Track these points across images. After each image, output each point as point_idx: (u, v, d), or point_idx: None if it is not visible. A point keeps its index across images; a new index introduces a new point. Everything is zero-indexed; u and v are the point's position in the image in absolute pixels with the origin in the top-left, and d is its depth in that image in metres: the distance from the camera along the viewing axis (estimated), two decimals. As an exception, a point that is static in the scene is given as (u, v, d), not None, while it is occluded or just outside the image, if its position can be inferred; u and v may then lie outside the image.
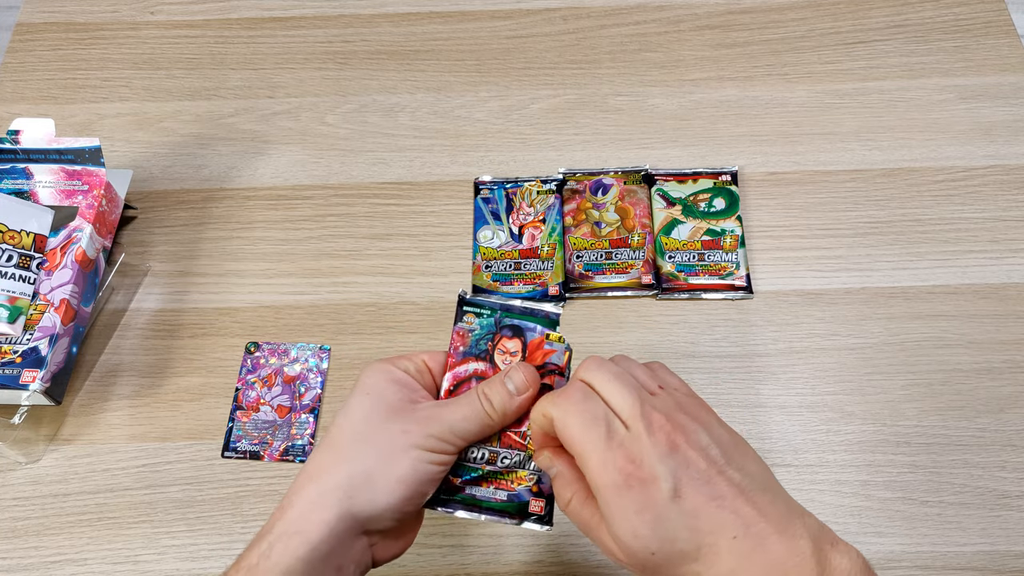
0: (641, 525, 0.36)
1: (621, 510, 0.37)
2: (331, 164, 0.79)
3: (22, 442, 0.65)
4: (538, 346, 0.43)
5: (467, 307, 0.45)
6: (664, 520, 0.36)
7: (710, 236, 0.73)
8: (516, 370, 0.43)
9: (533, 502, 0.44)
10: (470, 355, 0.44)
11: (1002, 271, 0.72)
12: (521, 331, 0.43)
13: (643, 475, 0.37)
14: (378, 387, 0.43)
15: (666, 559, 0.36)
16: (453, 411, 0.42)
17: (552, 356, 0.43)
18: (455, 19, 0.88)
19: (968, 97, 0.81)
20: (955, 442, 0.64)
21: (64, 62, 0.86)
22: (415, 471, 0.41)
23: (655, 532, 0.36)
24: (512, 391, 0.42)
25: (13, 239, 0.65)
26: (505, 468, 0.44)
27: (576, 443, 0.38)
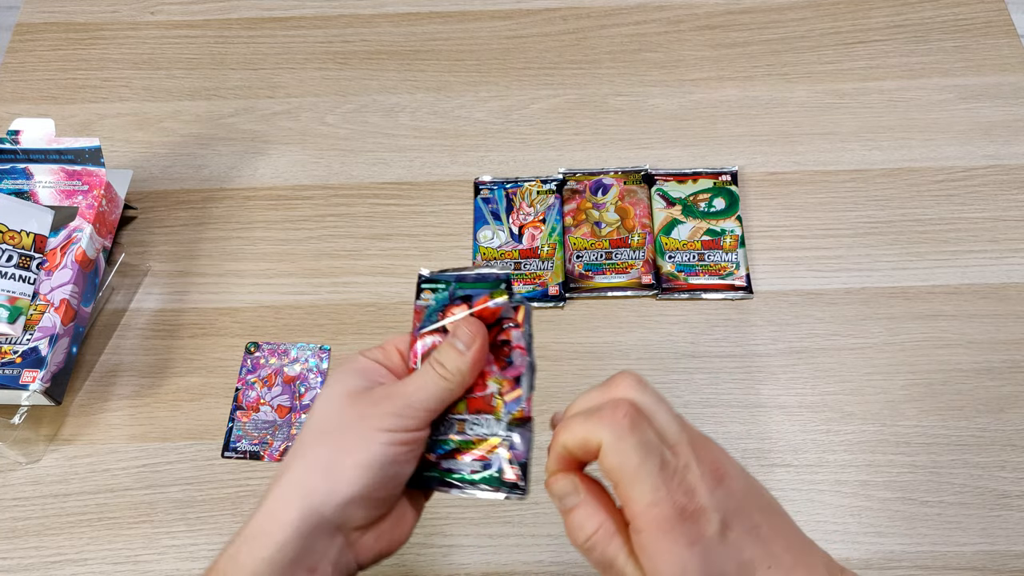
0: (691, 560, 0.34)
1: (671, 544, 0.34)
2: (331, 164, 0.79)
3: (22, 442, 0.65)
4: (483, 304, 0.42)
5: (424, 284, 0.45)
6: (713, 554, 0.34)
7: (710, 236, 0.73)
8: (459, 326, 0.42)
9: (508, 469, 0.42)
10: (425, 329, 0.44)
11: (1002, 271, 0.72)
12: (470, 298, 0.43)
13: (695, 507, 0.34)
14: (340, 378, 0.42)
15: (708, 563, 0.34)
16: (407, 383, 0.41)
17: (503, 311, 0.42)
18: (455, 19, 0.88)
19: (968, 97, 0.81)
20: (955, 442, 0.64)
21: (64, 62, 0.86)
22: (374, 454, 0.39)
23: (705, 567, 0.34)
24: (461, 348, 0.41)
25: (13, 239, 0.65)
26: (476, 436, 0.43)
27: (628, 472, 0.34)
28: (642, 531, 0.34)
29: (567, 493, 0.38)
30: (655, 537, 0.34)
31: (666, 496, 0.34)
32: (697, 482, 0.35)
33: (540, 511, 0.63)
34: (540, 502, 0.63)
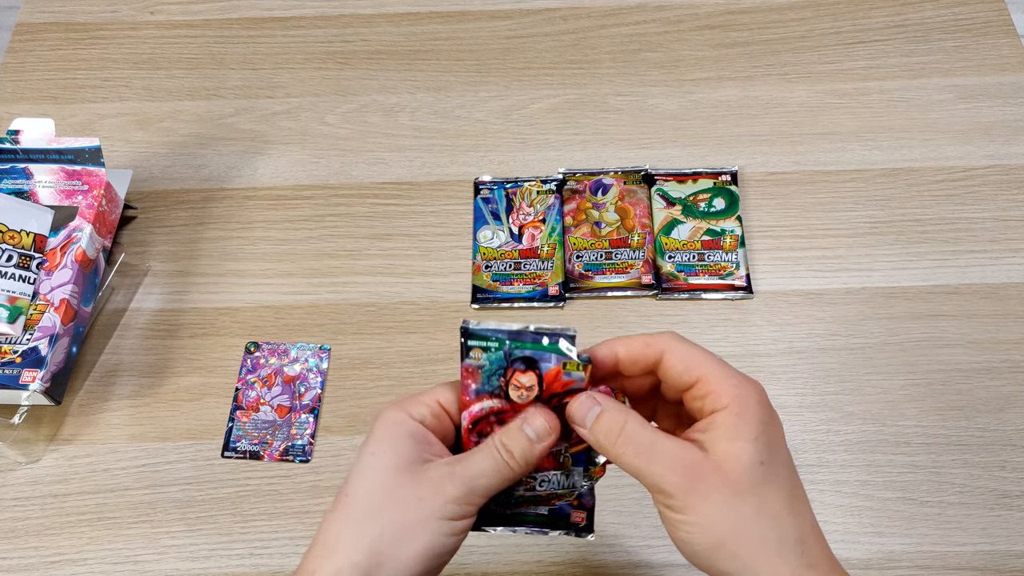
0: (763, 433, 0.37)
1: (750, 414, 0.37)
2: (331, 164, 0.79)
3: (22, 442, 0.65)
4: (555, 376, 0.39)
5: (472, 341, 0.40)
6: (781, 445, 0.38)
7: (710, 236, 0.73)
8: (535, 415, 0.39)
9: (574, 514, 0.42)
10: (483, 393, 0.40)
11: (1002, 271, 0.72)
12: (535, 362, 0.39)
13: (770, 405, 0.38)
14: (390, 442, 0.39)
15: (773, 473, 0.37)
16: (470, 467, 0.39)
17: (572, 385, 0.39)
18: (455, 19, 0.88)
19: (968, 97, 0.81)
20: (955, 442, 0.64)
21: (64, 62, 0.86)
22: (432, 547, 0.38)
23: (771, 447, 0.37)
24: (533, 439, 0.39)
25: (13, 239, 0.65)
26: (545, 492, 0.42)
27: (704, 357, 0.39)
28: (728, 406, 0.37)
29: (589, 407, 0.39)
30: (745, 409, 0.37)
31: (747, 379, 0.38)
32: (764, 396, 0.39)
33: (540, 511, 0.63)
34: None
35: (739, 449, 0.36)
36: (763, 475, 0.37)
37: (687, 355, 0.39)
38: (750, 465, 0.36)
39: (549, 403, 0.40)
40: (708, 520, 0.36)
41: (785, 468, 0.38)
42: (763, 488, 0.37)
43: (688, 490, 0.36)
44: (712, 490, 0.36)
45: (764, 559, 0.36)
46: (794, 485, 0.38)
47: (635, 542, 0.61)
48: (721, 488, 0.36)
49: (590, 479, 0.42)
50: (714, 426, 0.37)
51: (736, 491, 0.36)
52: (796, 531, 0.37)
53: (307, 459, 0.65)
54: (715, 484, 0.36)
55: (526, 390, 0.40)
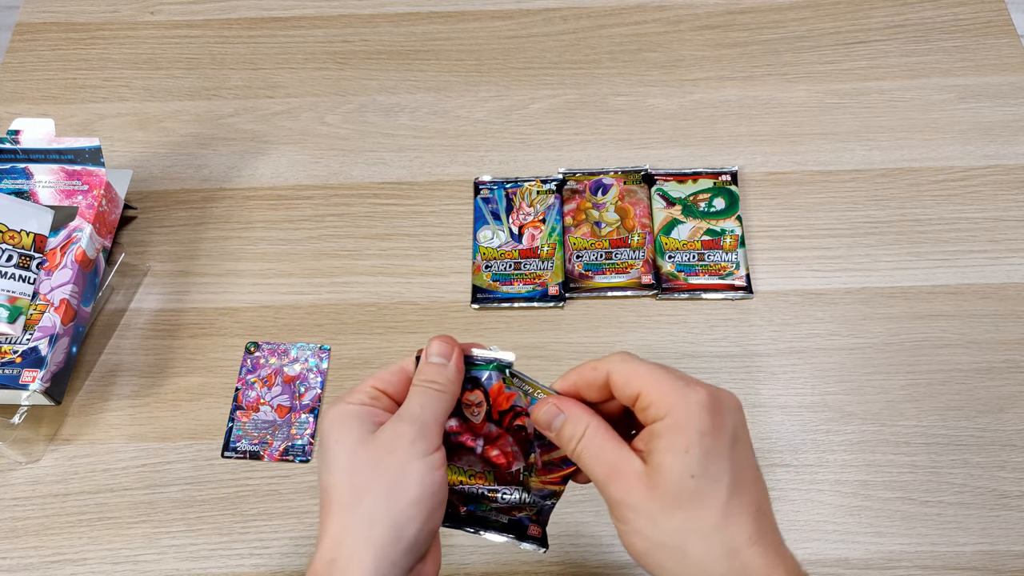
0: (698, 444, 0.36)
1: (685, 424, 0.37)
2: (331, 164, 0.79)
3: (22, 442, 0.65)
4: (499, 391, 0.43)
5: None
6: (721, 455, 0.37)
7: (710, 236, 0.73)
8: (432, 344, 0.43)
9: (531, 527, 0.45)
10: None
11: (1002, 271, 0.72)
12: (478, 380, 0.43)
13: (719, 411, 0.38)
14: (343, 427, 0.41)
15: (706, 487, 0.37)
16: (411, 408, 0.41)
17: (515, 398, 0.43)
18: (455, 19, 0.88)
19: (968, 97, 0.81)
20: (955, 442, 0.64)
21: (64, 62, 0.86)
22: (423, 486, 0.40)
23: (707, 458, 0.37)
24: (440, 361, 0.42)
25: (13, 239, 0.65)
26: (506, 505, 0.45)
27: (645, 372, 0.39)
28: (665, 417, 0.37)
29: (553, 415, 0.41)
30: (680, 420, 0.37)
31: (693, 393, 0.38)
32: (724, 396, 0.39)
33: (540, 511, 0.63)
34: (540, 502, 0.63)
35: (669, 462, 0.37)
36: (693, 489, 0.36)
37: (627, 370, 0.39)
38: (679, 478, 0.36)
39: (503, 423, 0.44)
40: (637, 530, 0.37)
41: (726, 477, 0.37)
42: (692, 503, 0.36)
43: (621, 501, 0.38)
44: (641, 503, 0.37)
45: (686, 571, 0.37)
46: (735, 494, 0.37)
47: (635, 542, 0.61)
48: (650, 501, 0.37)
49: (552, 499, 0.45)
50: (652, 436, 0.38)
51: (663, 505, 0.37)
52: (727, 546, 0.36)
53: (307, 459, 0.65)
54: (645, 496, 0.37)
55: (476, 407, 0.43)
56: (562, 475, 0.44)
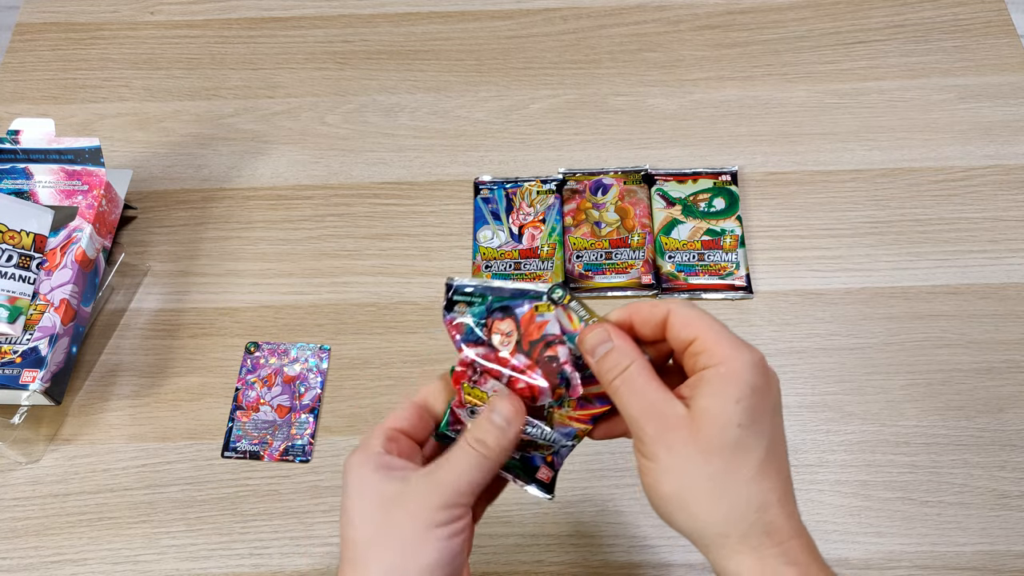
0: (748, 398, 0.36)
1: (738, 376, 0.36)
2: (331, 164, 0.79)
3: (22, 442, 0.65)
4: (530, 319, 0.42)
5: (457, 296, 0.44)
6: (767, 413, 0.37)
7: (710, 236, 0.73)
8: (499, 401, 0.41)
9: (543, 469, 0.44)
10: (470, 342, 0.43)
11: (1002, 271, 0.72)
12: (511, 309, 0.42)
13: (768, 376, 0.38)
14: (362, 482, 0.40)
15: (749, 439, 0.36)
16: (450, 471, 0.39)
17: (547, 327, 0.42)
18: (455, 19, 0.88)
19: (968, 97, 0.81)
20: (955, 442, 0.64)
21: (64, 62, 0.86)
22: (441, 554, 0.38)
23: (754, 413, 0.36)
24: (502, 425, 0.40)
25: (13, 239, 0.65)
26: (526, 438, 0.43)
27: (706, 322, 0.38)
28: (718, 365, 0.37)
29: (601, 341, 0.40)
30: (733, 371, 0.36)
31: (744, 346, 0.37)
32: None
33: (540, 511, 0.63)
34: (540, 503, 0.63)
35: (718, 408, 0.36)
36: (737, 439, 0.36)
37: (687, 314, 0.39)
38: (724, 426, 0.36)
39: (532, 354, 0.42)
40: (670, 470, 0.37)
41: (766, 438, 0.37)
42: (733, 452, 0.36)
43: (658, 439, 0.37)
44: (680, 443, 0.37)
45: (715, 520, 0.36)
46: (771, 454, 0.37)
47: (635, 542, 0.61)
48: (689, 443, 0.36)
49: (575, 439, 0.44)
50: (701, 382, 0.37)
51: (704, 448, 0.36)
52: (759, 499, 0.36)
53: (307, 459, 0.65)
54: (685, 438, 0.37)
55: (506, 336, 0.43)
56: (592, 413, 0.43)
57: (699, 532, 0.37)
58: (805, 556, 0.37)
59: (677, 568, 0.60)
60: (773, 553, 0.36)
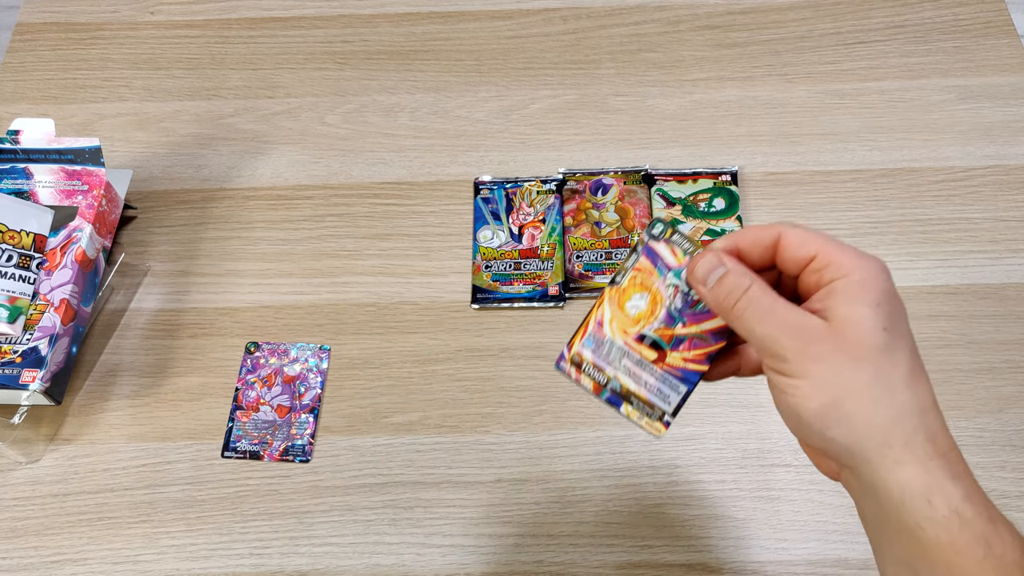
0: (886, 303, 0.35)
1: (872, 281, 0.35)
2: (331, 164, 0.79)
3: (22, 442, 0.65)
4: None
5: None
6: (904, 319, 0.36)
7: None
8: None
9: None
10: None
11: (1002, 271, 0.72)
12: None
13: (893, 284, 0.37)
14: None
15: (895, 342, 0.35)
16: None
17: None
18: (455, 19, 0.88)
19: (968, 97, 0.81)
20: (955, 442, 0.64)
21: (64, 62, 0.86)
22: None
23: (894, 317, 0.35)
24: None
25: (13, 239, 0.65)
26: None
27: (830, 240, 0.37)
28: (849, 274, 0.35)
29: (712, 267, 0.38)
30: (867, 277, 0.35)
31: (869, 256, 0.36)
32: None
33: (540, 511, 0.63)
34: (540, 502, 0.63)
35: (860, 314, 0.35)
36: (884, 342, 0.35)
37: (802, 234, 0.37)
38: (871, 330, 0.35)
39: None
40: (820, 382, 0.35)
41: (908, 342, 0.36)
42: (883, 356, 0.35)
43: (801, 353, 0.35)
44: (827, 353, 0.35)
45: (877, 426, 0.35)
46: (916, 360, 0.36)
47: (635, 542, 0.62)
48: (837, 352, 0.35)
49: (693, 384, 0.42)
50: (834, 293, 0.35)
51: (853, 356, 0.35)
52: (916, 404, 0.35)
53: (307, 459, 0.65)
54: (831, 348, 0.35)
55: None
56: (708, 351, 0.41)
57: (858, 444, 0.35)
58: (964, 471, 0.36)
59: (677, 568, 0.60)
60: (938, 465, 0.35)
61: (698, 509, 0.63)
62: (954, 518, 0.34)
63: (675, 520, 0.62)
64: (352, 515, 0.63)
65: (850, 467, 0.37)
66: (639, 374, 0.41)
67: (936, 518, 0.34)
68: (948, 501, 0.35)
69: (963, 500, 0.35)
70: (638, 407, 0.41)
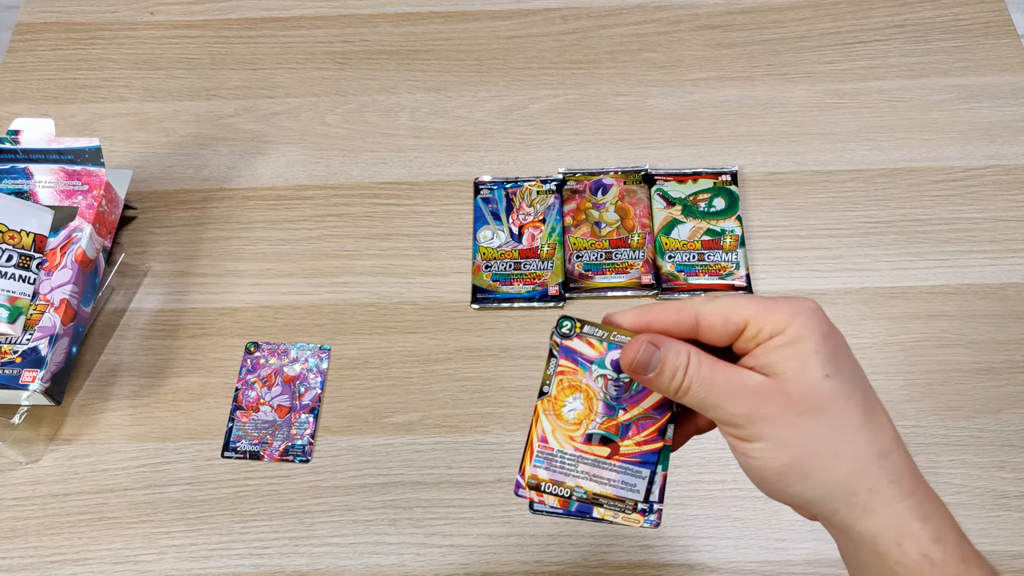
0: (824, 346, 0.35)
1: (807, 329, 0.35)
2: (331, 164, 0.79)
3: (22, 442, 0.65)
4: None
5: None
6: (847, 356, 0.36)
7: (710, 236, 0.73)
8: None
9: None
10: None
11: (1002, 271, 0.72)
12: None
13: (828, 319, 0.36)
14: None
15: (842, 385, 0.35)
16: None
17: None
18: (455, 19, 0.88)
19: (968, 97, 0.81)
20: (954, 442, 0.64)
21: (64, 62, 0.86)
22: None
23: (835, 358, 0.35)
24: None
25: (13, 239, 0.65)
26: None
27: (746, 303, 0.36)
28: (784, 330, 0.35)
29: (649, 354, 0.37)
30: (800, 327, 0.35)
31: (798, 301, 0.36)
32: None
33: (540, 511, 0.63)
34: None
35: (800, 365, 0.35)
36: (831, 390, 0.34)
37: (723, 308, 0.37)
38: (815, 380, 0.34)
39: None
40: (777, 444, 0.35)
41: (855, 379, 0.35)
42: (833, 404, 0.34)
43: (752, 417, 0.35)
44: (777, 413, 0.35)
45: (839, 479, 0.35)
46: (868, 397, 0.35)
47: (635, 542, 0.62)
48: (786, 410, 0.35)
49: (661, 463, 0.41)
50: (772, 349, 0.35)
51: (802, 411, 0.34)
52: (875, 448, 0.35)
53: (307, 459, 0.65)
54: (780, 407, 0.35)
55: None
56: (658, 427, 0.40)
57: (824, 498, 0.35)
58: (933, 510, 0.36)
59: (677, 568, 0.61)
60: (906, 507, 0.35)
61: (698, 509, 0.63)
62: (925, 562, 0.34)
63: (675, 520, 0.62)
64: (352, 515, 0.63)
65: (821, 516, 0.37)
66: (599, 474, 0.41)
67: (907, 563, 0.34)
68: (917, 545, 0.34)
69: (933, 542, 0.35)
70: (609, 507, 0.41)
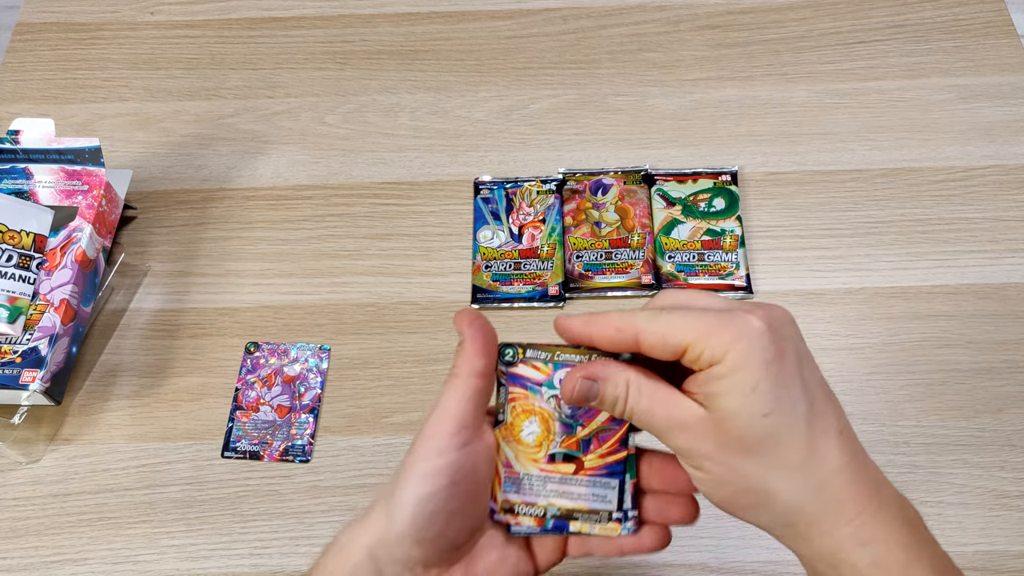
0: (764, 379, 0.33)
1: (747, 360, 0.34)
2: (331, 164, 0.79)
3: (22, 442, 0.65)
4: None
5: None
6: (791, 382, 0.34)
7: (710, 236, 0.73)
8: None
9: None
10: None
11: (1002, 271, 0.72)
12: None
13: (779, 335, 0.35)
14: None
15: (781, 422, 0.34)
16: None
17: None
18: (455, 19, 0.88)
19: (968, 97, 0.81)
20: (954, 442, 0.64)
21: (64, 62, 0.86)
22: None
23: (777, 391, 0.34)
24: None
25: (13, 239, 0.65)
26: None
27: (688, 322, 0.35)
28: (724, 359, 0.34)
29: (586, 389, 0.37)
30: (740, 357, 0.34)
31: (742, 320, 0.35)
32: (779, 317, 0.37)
33: (540, 511, 0.63)
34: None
35: (738, 405, 0.34)
36: (768, 428, 0.34)
37: (663, 328, 0.35)
38: (751, 421, 0.34)
39: None
40: (717, 477, 0.35)
41: (800, 407, 0.34)
42: (770, 442, 0.34)
43: (692, 450, 0.35)
44: (715, 451, 0.35)
45: (779, 513, 0.35)
46: (813, 425, 0.34)
47: (635, 542, 0.61)
48: (723, 448, 0.34)
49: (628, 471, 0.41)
50: (711, 379, 0.34)
51: (738, 450, 0.34)
52: (814, 480, 0.34)
53: (307, 459, 0.65)
54: (716, 444, 0.35)
55: None
56: (618, 438, 0.41)
57: (768, 525, 0.36)
58: (880, 531, 0.35)
59: (677, 568, 0.60)
60: (847, 533, 0.34)
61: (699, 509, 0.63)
62: None
63: (675, 520, 0.62)
64: (352, 515, 0.63)
65: (774, 537, 0.37)
66: (568, 490, 0.41)
67: None
68: (853, 571, 0.35)
69: (870, 566, 0.35)
70: (585, 519, 0.41)
